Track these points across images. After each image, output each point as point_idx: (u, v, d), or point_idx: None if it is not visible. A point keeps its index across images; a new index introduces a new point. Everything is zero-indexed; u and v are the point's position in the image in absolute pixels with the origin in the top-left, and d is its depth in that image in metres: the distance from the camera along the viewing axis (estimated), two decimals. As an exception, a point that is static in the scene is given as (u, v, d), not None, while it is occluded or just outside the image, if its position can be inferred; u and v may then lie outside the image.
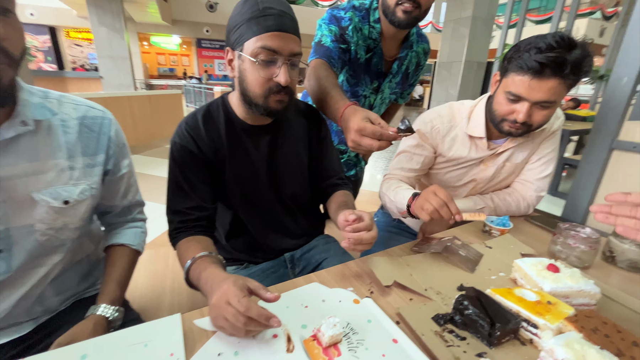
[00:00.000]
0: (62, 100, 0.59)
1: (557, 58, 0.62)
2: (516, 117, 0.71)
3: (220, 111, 0.71)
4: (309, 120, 0.81)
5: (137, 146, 3.85)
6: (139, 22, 12.09)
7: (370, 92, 1.01)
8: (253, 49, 0.59)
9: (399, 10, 0.81)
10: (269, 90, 0.61)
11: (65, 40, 12.89)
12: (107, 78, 9.79)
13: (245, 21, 0.59)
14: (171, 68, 14.70)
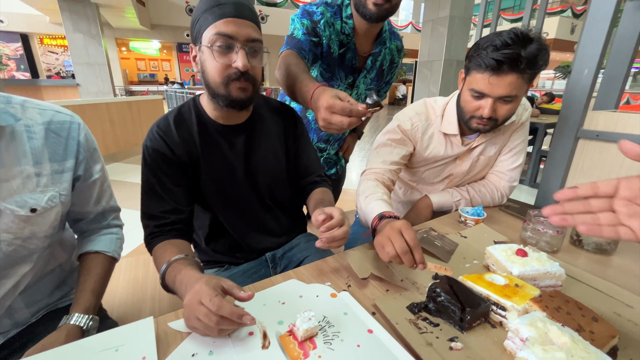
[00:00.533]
0: (26, 105, 0.58)
1: (512, 54, 0.65)
2: (482, 113, 0.73)
3: (192, 112, 0.70)
4: (284, 118, 0.81)
5: (117, 153, 3.76)
6: (117, 28, 11.81)
7: (345, 87, 1.02)
8: (209, 38, 0.59)
9: (370, 3, 0.83)
10: (228, 78, 0.61)
11: (39, 47, 12.46)
12: (85, 85, 9.53)
13: (202, 13, 0.60)
14: (152, 73, 14.42)
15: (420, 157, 0.89)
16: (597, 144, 0.90)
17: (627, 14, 0.94)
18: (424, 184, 0.97)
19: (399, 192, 1.03)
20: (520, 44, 0.65)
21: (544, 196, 1.02)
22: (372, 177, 0.83)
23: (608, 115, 0.87)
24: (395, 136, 0.87)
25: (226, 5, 0.59)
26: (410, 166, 0.94)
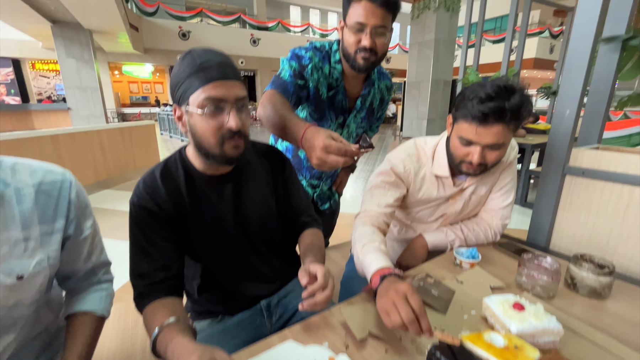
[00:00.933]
0: (17, 167, 0.57)
1: (496, 107, 0.67)
2: (471, 159, 0.75)
3: (179, 165, 0.70)
4: (271, 160, 0.81)
5: (107, 180, 3.71)
6: (110, 52, 11.94)
7: (336, 127, 1.04)
8: (199, 102, 0.59)
9: (359, 57, 0.86)
10: (222, 138, 0.62)
11: (31, 71, 12.48)
12: (76, 109, 9.51)
13: (186, 77, 0.60)
14: (144, 96, 14.52)
15: (413, 198, 0.90)
16: (584, 180, 0.93)
17: (602, 55, 0.99)
18: (418, 223, 0.97)
19: (394, 230, 1.03)
20: (504, 96, 0.68)
21: (535, 231, 1.04)
22: (368, 222, 0.82)
23: (592, 154, 0.90)
24: (389, 178, 0.88)
25: (212, 69, 0.59)
26: (404, 206, 0.95)
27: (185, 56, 0.62)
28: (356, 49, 0.86)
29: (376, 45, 0.84)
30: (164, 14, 12.15)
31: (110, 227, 2.58)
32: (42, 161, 0.61)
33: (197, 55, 0.60)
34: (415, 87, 7.87)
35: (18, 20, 8.36)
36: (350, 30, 0.84)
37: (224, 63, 0.62)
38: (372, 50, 0.85)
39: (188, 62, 0.60)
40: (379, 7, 0.80)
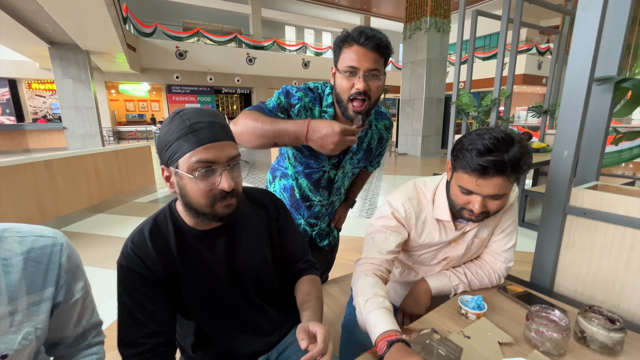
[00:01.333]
0: (5, 235, 0.54)
1: (496, 162, 0.67)
2: (472, 208, 0.74)
3: (168, 221, 0.67)
4: (266, 208, 0.79)
5: (101, 204, 3.65)
6: (107, 72, 12.06)
7: (330, 168, 1.01)
8: (189, 165, 0.58)
9: (350, 107, 0.84)
10: (214, 199, 0.60)
11: (27, 91, 12.51)
12: (71, 129, 9.49)
13: (175, 140, 0.58)
14: (140, 114, 14.57)
15: (415, 242, 0.89)
16: (586, 221, 0.92)
17: (596, 94, 1.01)
18: (421, 265, 0.95)
19: (395, 271, 1.01)
20: (503, 148, 0.67)
21: (539, 270, 1.02)
22: (370, 271, 0.80)
23: (592, 195, 0.90)
24: (390, 223, 0.86)
25: (202, 131, 0.58)
26: (406, 249, 0.93)
27: (174, 117, 0.60)
28: (349, 95, 0.83)
29: (370, 89, 0.82)
30: (161, 35, 12.37)
31: (103, 256, 2.52)
32: (32, 225, 0.58)
33: (187, 117, 0.59)
34: (409, 104, 8.01)
35: (16, 42, 8.45)
36: (343, 74, 0.82)
37: (214, 124, 0.60)
38: (366, 94, 0.82)
39: (177, 124, 0.58)
40: (371, 50, 0.79)
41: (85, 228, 3.15)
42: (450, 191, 0.80)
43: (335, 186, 1.06)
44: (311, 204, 1.07)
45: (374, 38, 0.78)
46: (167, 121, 0.60)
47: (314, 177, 1.02)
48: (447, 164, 0.82)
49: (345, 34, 0.82)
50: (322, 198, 1.06)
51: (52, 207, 3.02)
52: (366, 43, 0.78)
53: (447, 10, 7.39)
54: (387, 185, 5.10)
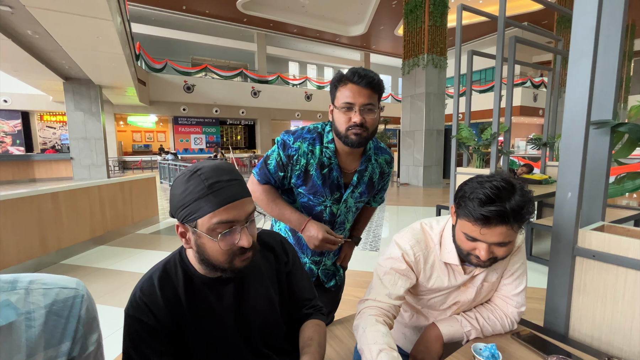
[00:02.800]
0: (31, 287, 0.53)
1: (498, 212, 0.67)
2: (479, 254, 0.74)
3: (178, 269, 0.67)
4: (275, 252, 0.78)
5: (104, 236, 3.62)
6: (117, 104, 12.52)
7: (331, 203, 1.03)
8: (209, 226, 0.58)
9: (350, 133, 0.90)
10: (233, 255, 0.61)
11: (38, 123, 12.94)
12: (78, 159, 9.68)
13: (193, 200, 0.58)
14: (146, 144, 14.91)
15: (424, 287, 0.87)
16: (596, 263, 0.91)
17: (595, 137, 1.04)
18: (430, 309, 0.93)
19: (404, 315, 0.98)
20: (504, 197, 0.68)
21: (552, 314, 0.99)
22: (380, 317, 0.79)
23: (599, 237, 0.90)
24: (400, 266, 0.85)
25: (222, 191, 0.58)
26: (415, 292, 0.91)
27: (191, 176, 0.59)
28: (347, 127, 0.89)
29: (366, 121, 0.88)
30: (170, 70, 13.01)
31: (103, 290, 2.47)
32: (56, 276, 0.57)
33: (205, 176, 0.59)
34: (410, 135, 8.19)
35: (33, 78, 8.88)
36: (340, 110, 0.89)
37: (233, 182, 0.60)
38: (363, 125, 0.88)
39: (195, 184, 0.58)
40: (365, 88, 0.86)
41: (85, 261, 3.10)
42: (456, 236, 0.80)
43: (339, 220, 1.06)
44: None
45: (367, 77, 0.86)
46: (184, 179, 0.60)
47: (316, 211, 1.03)
48: (451, 209, 0.83)
49: (340, 75, 0.90)
50: None
51: (54, 239, 3.00)
52: (359, 81, 0.86)
53: (443, 48, 7.78)
54: (390, 215, 5.07)
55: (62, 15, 4.87)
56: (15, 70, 8.16)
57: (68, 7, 4.63)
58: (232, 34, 15.63)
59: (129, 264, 2.99)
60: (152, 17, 13.80)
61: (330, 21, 15.37)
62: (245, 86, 14.66)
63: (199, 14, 13.89)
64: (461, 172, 3.31)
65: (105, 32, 5.50)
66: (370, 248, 3.49)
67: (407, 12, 7.88)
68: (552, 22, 12.14)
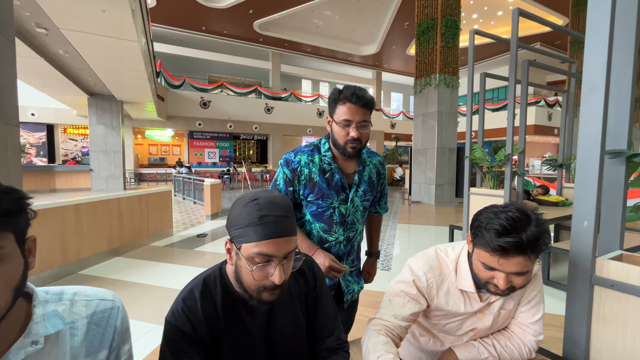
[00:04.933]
0: (75, 299, 0.58)
1: (515, 243, 0.68)
2: (497, 284, 0.75)
3: (217, 284, 0.71)
4: (305, 277, 0.81)
5: (120, 247, 3.72)
6: (136, 119, 13.01)
7: (339, 204, 1.11)
8: (250, 254, 0.62)
9: (348, 147, 1.04)
10: (263, 288, 0.65)
11: (62, 135, 13.52)
12: (97, 171, 10.03)
13: (244, 225, 0.63)
14: (162, 157, 15.33)
15: (440, 312, 0.88)
16: (615, 293, 0.91)
17: (609, 167, 1.05)
18: (447, 334, 0.93)
19: (421, 339, 0.98)
20: (520, 227, 0.69)
21: (572, 344, 0.98)
22: (382, 331, 0.81)
23: (617, 267, 0.90)
24: (410, 290, 0.86)
25: (270, 225, 0.62)
26: (430, 317, 0.92)
27: (249, 202, 0.64)
28: (345, 141, 1.03)
29: (361, 136, 1.02)
30: (188, 86, 13.52)
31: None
32: (94, 288, 0.62)
33: (260, 207, 0.63)
34: (422, 153, 8.19)
35: (60, 93, 9.39)
36: (339, 125, 1.02)
37: (282, 219, 0.64)
38: (359, 139, 1.02)
39: (250, 211, 0.63)
40: (361, 107, 1.00)
41: (101, 272, 3.18)
42: (473, 265, 0.81)
43: (349, 220, 1.13)
44: (329, 246, 1.12)
45: (363, 98, 1.00)
46: (243, 203, 0.65)
47: (326, 215, 1.10)
48: (467, 237, 0.83)
49: (339, 92, 1.03)
50: (337, 235, 1.12)
51: (74, 250, 3.10)
52: (357, 102, 0.99)
53: (455, 68, 7.86)
54: (400, 233, 5.03)
55: (92, 37, 5.20)
56: (44, 86, 8.66)
57: (99, 30, 4.95)
58: (248, 53, 16.23)
59: (142, 276, 3.05)
60: (173, 37, 14.51)
61: (343, 41, 15.81)
62: (259, 102, 15.06)
63: (217, 34, 14.54)
64: (475, 192, 3.29)
65: (130, 52, 5.83)
66: (382, 267, 3.46)
67: (419, 33, 8.05)
68: (566, 43, 12.16)
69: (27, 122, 12.29)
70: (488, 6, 12.89)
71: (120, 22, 4.74)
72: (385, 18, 13.55)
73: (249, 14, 12.65)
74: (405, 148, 18.02)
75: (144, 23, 6.10)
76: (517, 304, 0.90)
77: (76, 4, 4.21)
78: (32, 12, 4.69)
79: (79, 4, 4.21)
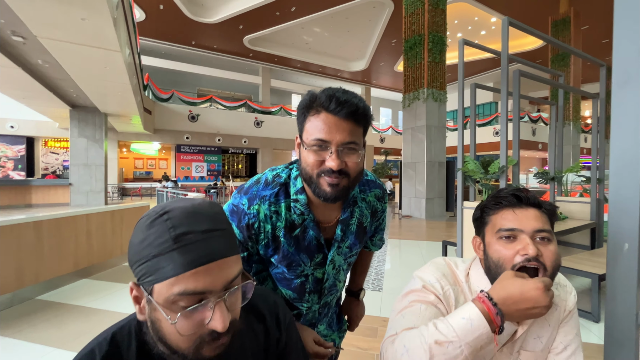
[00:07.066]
0: None
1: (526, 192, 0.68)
2: (525, 252, 0.62)
3: (132, 343, 0.48)
4: (265, 324, 0.58)
5: (88, 268, 3.39)
6: (121, 132, 12.68)
7: (313, 269, 0.77)
8: (168, 297, 0.40)
9: (323, 182, 0.63)
10: (200, 342, 0.42)
11: (42, 148, 13.03)
12: (77, 185, 9.60)
13: (151, 256, 0.41)
14: (147, 171, 14.90)
15: None
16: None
17: None
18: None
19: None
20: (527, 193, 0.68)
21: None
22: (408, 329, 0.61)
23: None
24: (425, 297, 0.67)
25: (192, 247, 0.41)
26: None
27: (155, 220, 0.42)
28: (318, 172, 0.63)
29: (347, 166, 0.63)
30: (176, 100, 13.34)
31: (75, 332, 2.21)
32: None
33: (173, 223, 0.41)
34: (411, 167, 8.12)
35: (41, 105, 9.05)
36: (310, 149, 0.63)
37: (212, 233, 0.42)
38: (342, 172, 0.62)
39: (158, 233, 0.41)
40: (344, 119, 0.61)
41: (63, 297, 2.85)
42: (491, 256, 0.67)
43: (327, 285, 0.82)
44: (299, 313, 0.84)
45: (348, 104, 0.60)
46: (146, 224, 0.42)
47: (295, 284, 0.78)
48: (473, 240, 0.73)
49: (311, 98, 0.64)
50: (311, 303, 0.83)
51: (31, 272, 2.78)
52: (337, 110, 0.60)
53: (442, 83, 7.95)
54: (391, 248, 4.82)
55: (72, 46, 5.00)
56: (23, 97, 8.33)
57: (78, 39, 4.76)
58: (237, 68, 16.25)
59: (110, 301, 2.74)
60: (162, 51, 14.43)
61: (332, 57, 16.04)
62: (248, 116, 14.96)
63: (207, 49, 14.54)
64: (468, 206, 3.15)
65: (113, 62, 5.63)
66: (373, 287, 3.22)
67: (406, 49, 8.16)
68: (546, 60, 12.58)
69: (5, 135, 11.81)
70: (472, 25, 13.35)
71: (101, 31, 4.57)
72: (373, 36, 13.84)
73: (239, 29, 12.72)
74: (395, 162, 18.08)
75: (129, 34, 5.95)
76: (548, 349, 0.70)
77: (53, 11, 4.03)
78: (7, 19, 4.49)
79: (57, 11, 4.03)
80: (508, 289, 0.56)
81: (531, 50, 14.20)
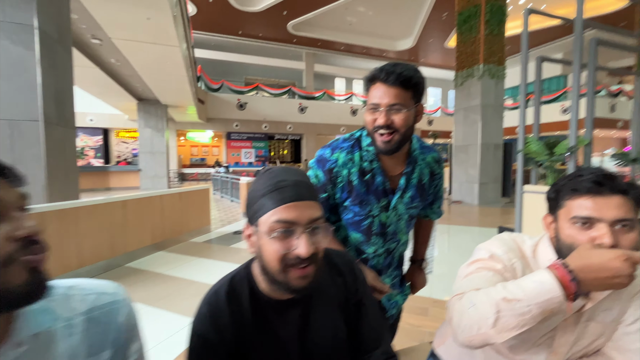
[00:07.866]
0: (70, 292, 0.52)
1: (609, 177, 0.61)
2: (601, 242, 0.59)
3: (245, 285, 0.63)
4: (344, 277, 0.69)
5: (163, 242, 3.88)
6: (179, 121, 13.79)
7: (379, 211, 0.92)
8: (269, 225, 0.54)
9: (378, 139, 0.83)
10: (287, 264, 0.55)
11: (115, 138, 14.74)
12: (145, 170, 10.77)
13: (259, 197, 0.56)
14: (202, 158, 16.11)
15: None
16: None
17: None
18: (517, 351, 0.76)
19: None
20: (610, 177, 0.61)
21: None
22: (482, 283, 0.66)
23: None
24: (494, 265, 0.69)
25: (286, 189, 0.55)
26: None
27: (262, 174, 0.59)
28: (373, 128, 0.83)
29: (393, 122, 0.80)
30: (226, 89, 14.06)
31: (160, 295, 2.60)
32: (95, 280, 0.56)
33: (273, 175, 0.57)
34: (463, 150, 7.68)
35: (113, 99, 10.22)
36: (368, 110, 0.84)
37: (299, 183, 0.57)
38: (390, 126, 0.80)
39: (264, 181, 0.57)
40: (392, 86, 0.79)
41: (146, 265, 3.33)
42: (564, 240, 0.65)
43: (389, 231, 0.95)
44: (366, 257, 0.96)
45: (394, 73, 0.78)
46: (257, 178, 0.60)
47: (364, 226, 0.93)
48: (544, 219, 0.70)
49: (372, 71, 0.83)
50: (376, 247, 0.95)
51: (121, 244, 3.28)
52: (386, 79, 0.79)
53: (501, 57, 7.26)
54: (440, 234, 4.72)
55: (139, 44, 5.54)
56: (99, 93, 9.46)
57: (144, 37, 5.25)
58: (282, 54, 16.49)
59: (183, 271, 3.14)
60: (211, 43, 15.16)
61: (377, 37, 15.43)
62: (293, 103, 15.22)
63: (252, 37, 14.93)
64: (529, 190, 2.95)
65: (172, 57, 6.13)
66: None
67: (460, 22, 7.56)
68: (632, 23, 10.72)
69: (86, 127, 13.55)
70: (538, -11, 11.80)
71: (163, 29, 4.98)
72: (422, 10, 12.98)
73: (283, 15, 12.81)
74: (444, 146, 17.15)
75: (185, 29, 6.39)
76: (618, 321, 0.71)
77: (124, 14, 4.50)
78: (88, 25, 5.10)
79: (127, 13, 4.49)
80: (586, 258, 0.55)
81: (612, 12, 12.16)
